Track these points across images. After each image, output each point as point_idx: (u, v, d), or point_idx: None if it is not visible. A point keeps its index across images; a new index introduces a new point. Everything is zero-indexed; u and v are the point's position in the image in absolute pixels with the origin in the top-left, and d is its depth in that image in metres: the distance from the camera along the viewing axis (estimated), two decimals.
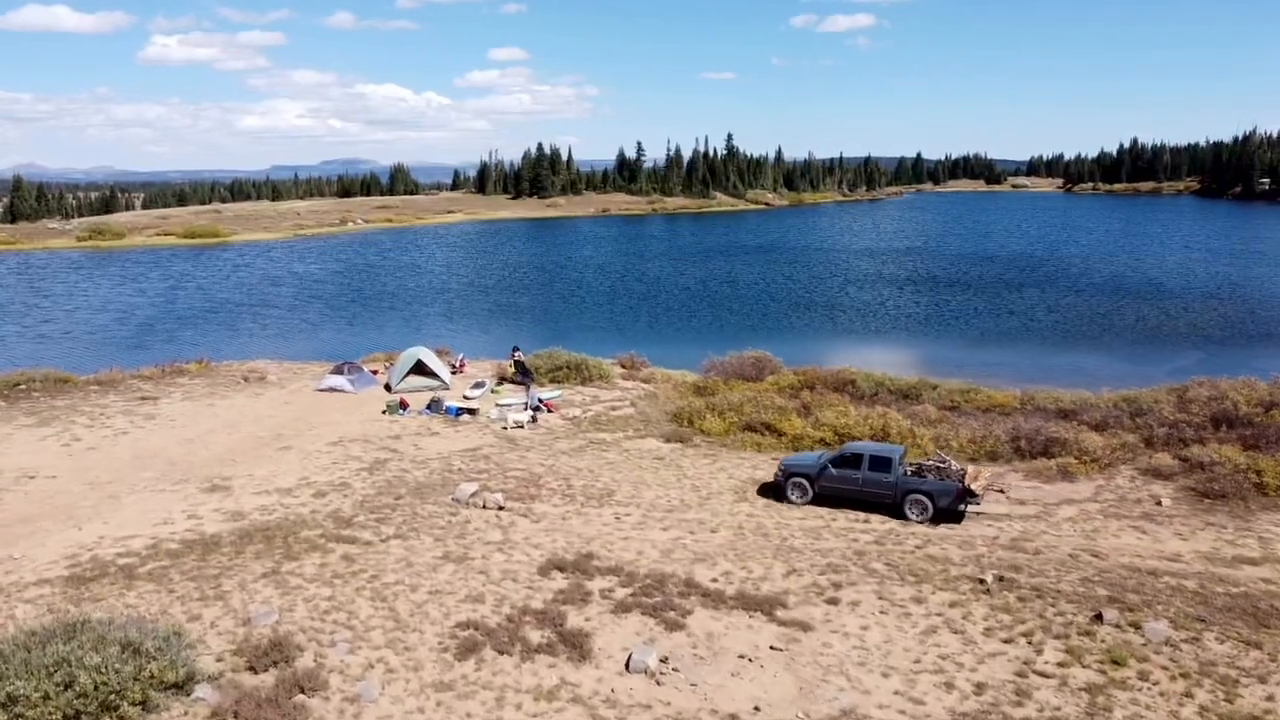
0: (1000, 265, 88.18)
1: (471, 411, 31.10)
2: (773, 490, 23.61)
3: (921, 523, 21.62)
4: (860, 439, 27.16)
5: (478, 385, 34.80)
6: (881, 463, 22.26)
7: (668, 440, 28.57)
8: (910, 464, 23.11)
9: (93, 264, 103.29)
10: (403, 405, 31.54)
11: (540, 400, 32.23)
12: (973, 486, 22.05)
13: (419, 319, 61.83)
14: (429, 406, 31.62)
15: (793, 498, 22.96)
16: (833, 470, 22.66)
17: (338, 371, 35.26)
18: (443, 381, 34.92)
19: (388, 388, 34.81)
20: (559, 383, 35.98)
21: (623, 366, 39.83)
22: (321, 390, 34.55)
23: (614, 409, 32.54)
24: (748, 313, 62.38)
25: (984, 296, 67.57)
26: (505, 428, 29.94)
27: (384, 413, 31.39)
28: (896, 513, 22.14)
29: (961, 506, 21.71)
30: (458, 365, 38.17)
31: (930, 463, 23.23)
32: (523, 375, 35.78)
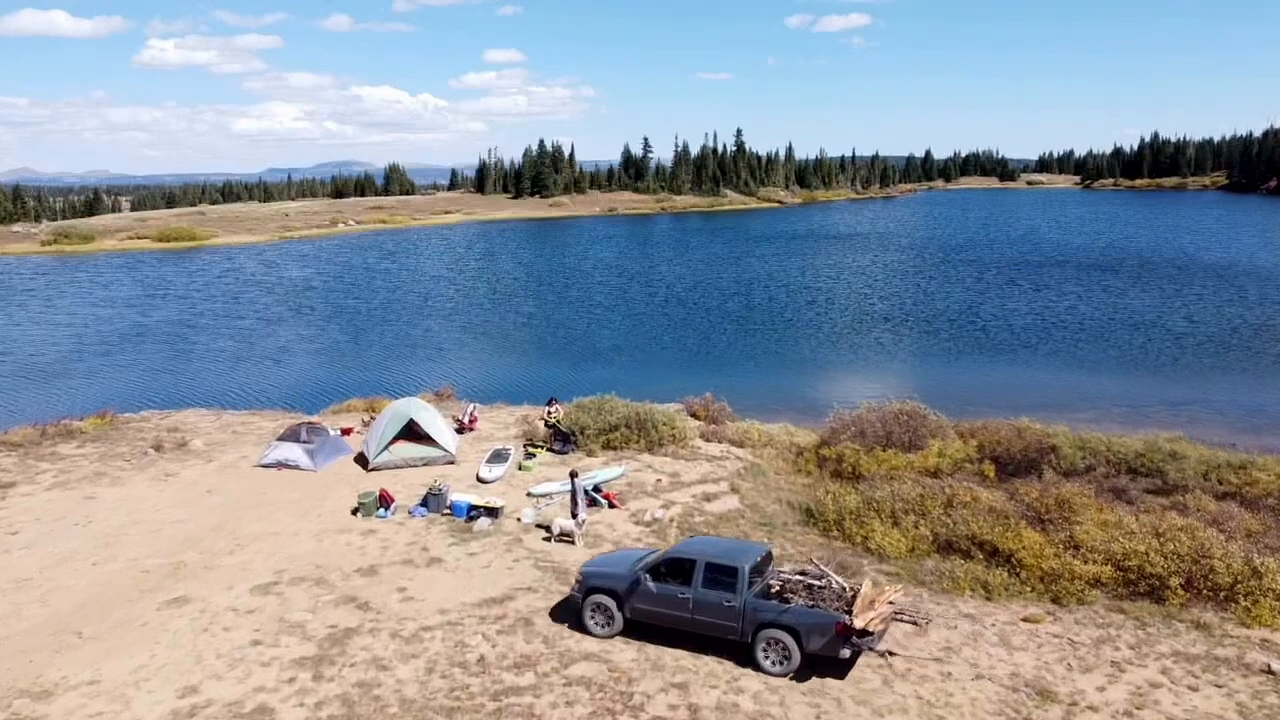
0: (1076, 264, 76.91)
1: (492, 512, 19.82)
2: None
3: (783, 676, 13.55)
4: (1159, 574, 15.93)
5: (497, 457, 23.52)
6: (722, 575, 14.25)
7: None
8: (774, 577, 14.91)
9: (56, 270, 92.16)
10: (384, 502, 20.27)
11: (596, 489, 20.98)
12: (860, 621, 13.23)
13: (415, 339, 50.42)
14: (424, 503, 20.36)
15: (592, 626, 14.91)
16: (650, 585, 14.64)
17: (291, 436, 23.96)
18: (445, 450, 23.67)
19: (363, 461, 23.55)
20: (615, 449, 24.70)
21: (695, 416, 28.58)
22: (266, 466, 23.28)
23: (707, 498, 21.26)
24: (819, 324, 51.12)
25: (1089, 303, 56.38)
26: (549, 538, 18.77)
27: (355, 513, 20.12)
28: (746, 655, 13.92)
29: (845, 651, 13.37)
30: (466, 421, 26.86)
31: (798, 577, 14.81)
32: (562, 443, 24.52)
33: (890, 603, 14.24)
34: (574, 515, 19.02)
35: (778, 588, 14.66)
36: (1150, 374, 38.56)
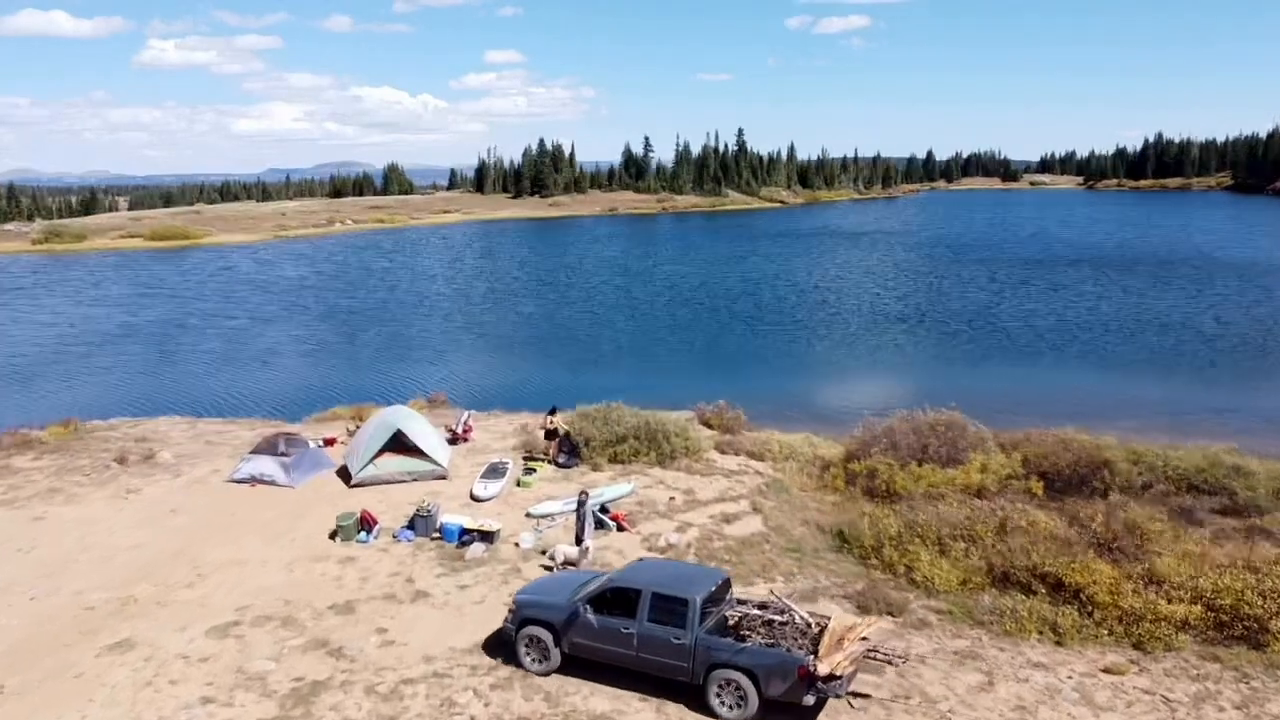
0: (1090, 264, 74.68)
1: (486, 537, 17.66)
2: None
3: None
4: (1257, 615, 13.80)
5: (493, 472, 21.36)
6: (672, 607, 12.51)
7: (861, 608, 15.08)
8: (732, 607, 13.19)
9: (46, 269, 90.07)
10: (365, 524, 18.12)
11: (603, 509, 18.82)
12: (826, 665, 11.55)
13: (409, 340, 48.23)
14: (411, 525, 18.20)
15: (526, 662, 13.20)
16: (590, 616, 12.95)
17: (267, 448, 21.77)
18: (435, 465, 21.51)
19: (346, 476, 21.40)
20: (623, 462, 22.55)
21: (708, 425, 26.46)
22: (239, 481, 21.14)
23: (726, 519, 19.10)
24: (831, 325, 48.94)
25: (1110, 303, 54.19)
26: (551, 567, 16.60)
27: (333, 537, 17.98)
28: (697, 697, 12.26)
29: (809, 698, 11.70)
30: (460, 431, 24.68)
31: (757, 612, 13.04)
32: (567, 456, 22.37)
33: (863, 639, 12.47)
34: (579, 541, 16.89)
35: (735, 620, 12.83)
36: (1187, 378, 36.40)
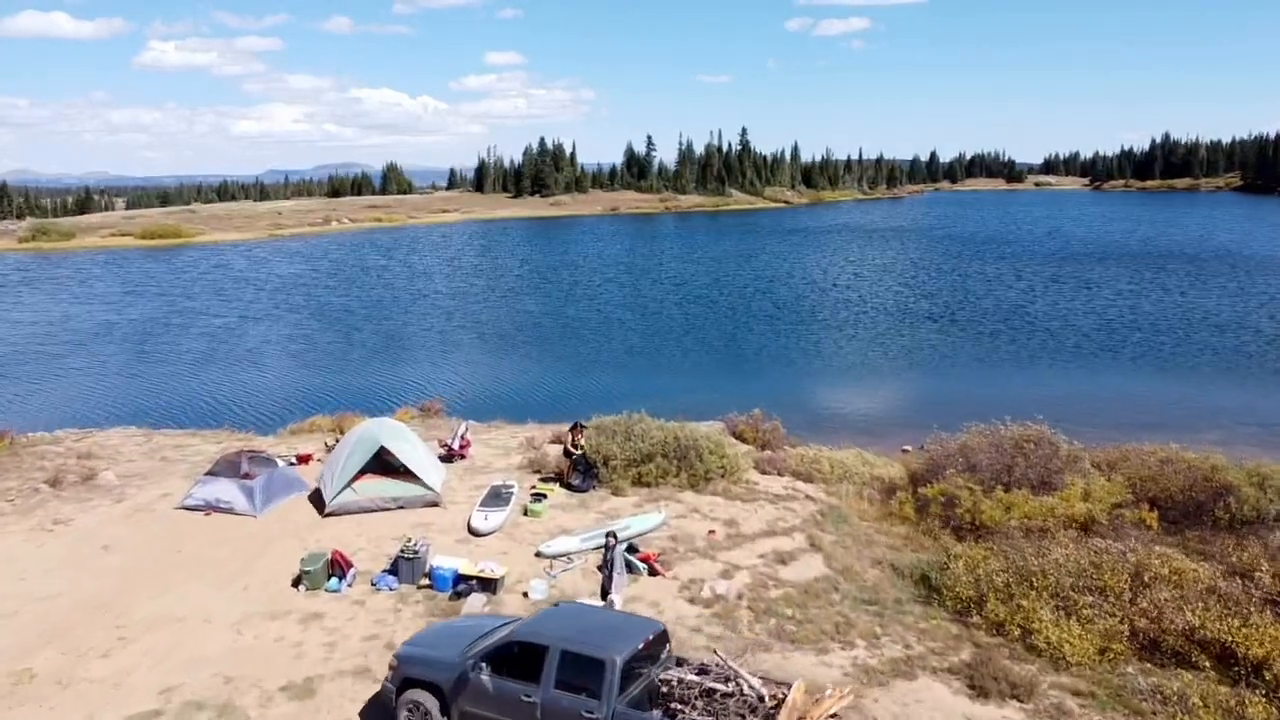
0: (1117, 261, 71.41)
1: (487, 585, 14.18)
2: None
3: None
4: None
5: (495, 498, 17.86)
6: (585, 670, 9.58)
7: (977, 689, 11.59)
8: (670, 665, 10.24)
9: (34, 267, 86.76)
10: (338, 566, 14.65)
11: (631, 548, 15.32)
12: None
13: (403, 341, 44.72)
14: (394, 569, 14.72)
15: None
16: (485, 678, 10.09)
17: (228, 469, 18.25)
18: (427, 488, 18.02)
19: (320, 502, 17.92)
20: (648, 485, 19.06)
21: (741, 439, 23.02)
22: (191, 509, 17.68)
23: (780, 559, 15.61)
24: (857, 324, 45.57)
25: (1152, 302, 50.86)
26: None
27: (297, 584, 14.50)
28: None
29: None
30: (456, 447, 21.16)
31: (696, 678, 9.90)
32: (581, 477, 18.88)
33: (833, 716, 10.03)
34: (605, 592, 13.44)
35: (661, 690, 9.69)
36: (1262, 383, 32.94)
